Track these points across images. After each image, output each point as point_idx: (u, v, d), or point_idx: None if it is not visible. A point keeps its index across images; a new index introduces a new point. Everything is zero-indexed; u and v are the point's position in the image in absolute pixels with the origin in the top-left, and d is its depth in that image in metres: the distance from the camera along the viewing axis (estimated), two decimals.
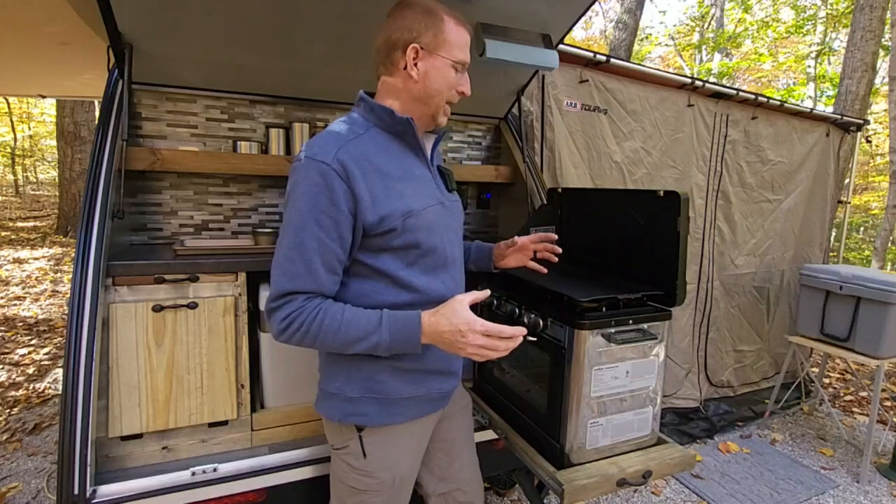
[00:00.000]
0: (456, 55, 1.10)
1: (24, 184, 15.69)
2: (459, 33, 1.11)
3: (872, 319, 2.74)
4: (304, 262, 1.00)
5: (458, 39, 1.10)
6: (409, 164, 1.13)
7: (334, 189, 0.99)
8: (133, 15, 1.46)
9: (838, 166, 3.91)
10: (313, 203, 0.99)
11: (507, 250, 1.40)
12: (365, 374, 1.12)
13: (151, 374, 1.43)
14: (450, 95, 1.14)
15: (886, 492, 2.68)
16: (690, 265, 3.14)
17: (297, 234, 1.01)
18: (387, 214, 1.03)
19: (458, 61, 1.11)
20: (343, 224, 1.01)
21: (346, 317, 1.01)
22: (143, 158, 1.70)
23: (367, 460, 1.15)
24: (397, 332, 1.02)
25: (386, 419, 1.14)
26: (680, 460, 1.32)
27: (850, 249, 10.10)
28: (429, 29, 1.07)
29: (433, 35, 1.08)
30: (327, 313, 1.01)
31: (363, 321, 1.02)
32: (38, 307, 5.18)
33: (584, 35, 16.88)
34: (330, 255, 1.02)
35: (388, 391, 1.13)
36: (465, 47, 1.13)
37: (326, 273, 1.02)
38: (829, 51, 11.65)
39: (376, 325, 1.01)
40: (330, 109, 2.16)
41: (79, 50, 2.51)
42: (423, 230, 1.09)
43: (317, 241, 1.00)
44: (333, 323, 1.00)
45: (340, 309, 1.02)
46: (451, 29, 1.09)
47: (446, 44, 1.09)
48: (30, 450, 2.71)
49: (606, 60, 2.56)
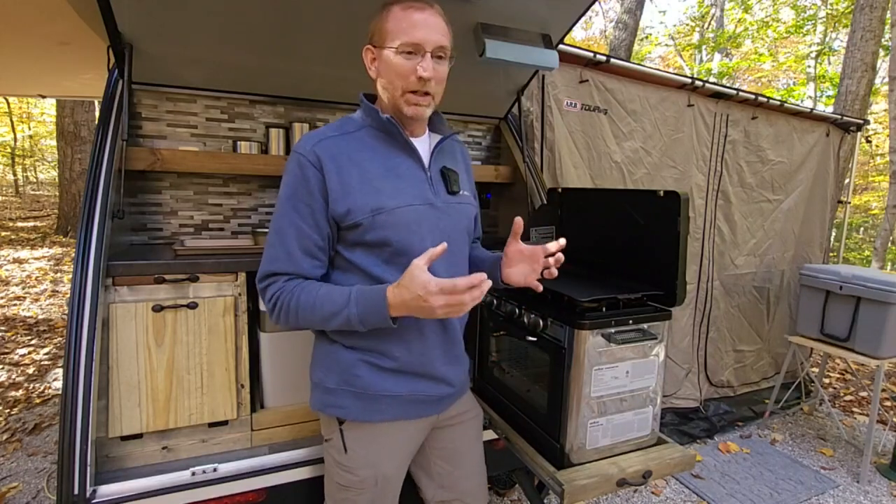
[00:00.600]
0: (398, 40, 1.04)
1: (24, 184, 15.69)
2: (403, 16, 1.05)
3: (872, 319, 2.74)
4: (283, 247, 1.08)
5: (398, 24, 1.05)
6: (397, 162, 1.13)
7: (309, 178, 1.06)
8: (133, 15, 1.46)
9: (838, 166, 3.91)
10: (292, 191, 1.07)
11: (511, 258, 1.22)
12: (342, 366, 1.14)
13: (151, 374, 1.43)
14: (407, 83, 1.07)
15: (886, 492, 2.68)
16: (690, 265, 3.14)
17: (277, 221, 1.09)
18: (353, 208, 1.06)
19: (402, 44, 1.04)
20: (318, 212, 1.07)
21: (321, 293, 1.06)
22: (143, 158, 1.70)
23: (348, 455, 1.16)
24: (365, 305, 1.04)
25: (365, 415, 1.15)
26: (680, 460, 1.32)
27: (850, 249, 10.10)
28: (377, 25, 1.09)
29: (378, 30, 1.09)
30: (303, 290, 1.07)
31: (336, 296, 1.06)
32: (38, 307, 5.18)
33: (584, 35, 16.89)
34: (307, 241, 1.08)
35: (365, 385, 1.14)
36: (412, 28, 1.04)
37: (304, 256, 1.09)
38: (829, 51, 11.65)
39: (346, 299, 1.05)
40: (330, 109, 2.16)
41: (79, 50, 2.51)
42: (395, 228, 1.09)
43: (294, 227, 1.07)
44: (309, 298, 1.06)
45: (317, 286, 1.08)
46: (392, 16, 1.05)
47: (388, 32, 1.06)
48: (30, 450, 2.71)
49: (606, 60, 2.56)
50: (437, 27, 1.07)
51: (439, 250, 0.99)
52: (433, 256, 0.99)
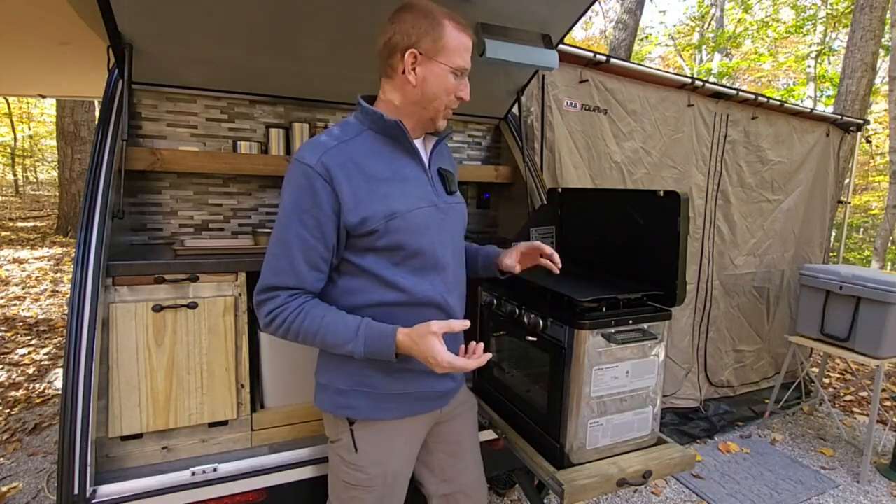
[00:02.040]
0: (455, 62, 1.08)
1: (24, 184, 15.69)
2: (460, 39, 1.08)
3: (872, 319, 2.74)
4: (288, 259, 1.05)
5: (457, 45, 1.08)
6: (401, 165, 1.13)
7: (317, 190, 1.03)
8: (133, 15, 1.46)
9: (838, 166, 3.91)
10: (297, 203, 1.04)
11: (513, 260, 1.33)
12: (354, 367, 1.14)
13: (151, 374, 1.43)
14: (448, 101, 1.12)
15: (886, 492, 2.68)
16: (690, 265, 3.14)
17: (281, 232, 1.06)
18: (368, 216, 1.05)
19: (458, 68, 1.09)
20: (326, 224, 1.05)
21: (326, 321, 1.05)
22: (143, 158, 1.69)
23: (359, 455, 1.16)
24: (372, 345, 1.06)
25: (376, 414, 1.15)
26: (680, 460, 1.32)
27: (850, 249, 10.11)
28: (428, 34, 1.06)
29: (432, 40, 1.06)
30: (308, 314, 1.05)
31: (341, 329, 1.06)
32: (38, 307, 5.18)
33: (584, 35, 16.89)
34: (313, 253, 1.06)
35: (376, 385, 1.15)
36: (466, 53, 1.10)
37: (309, 270, 1.07)
38: (829, 51, 11.65)
39: (353, 334, 1.05)
40: (330, 109, 2.16)
41: (79, 50, 2.51)
42: (408, 232, 1.09)
43: (300, 238, 1.04)
44: (313, 325, 1.05)
45: (322, 312, 1.06)
46: (450, 34, 1.07)
47: (445, 50, 1.07)
48: (30, 450, 2.71)
49: (606, 60, 2.56)
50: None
51: (458, 326, 1.06)
52: (451, 329, 1.05)
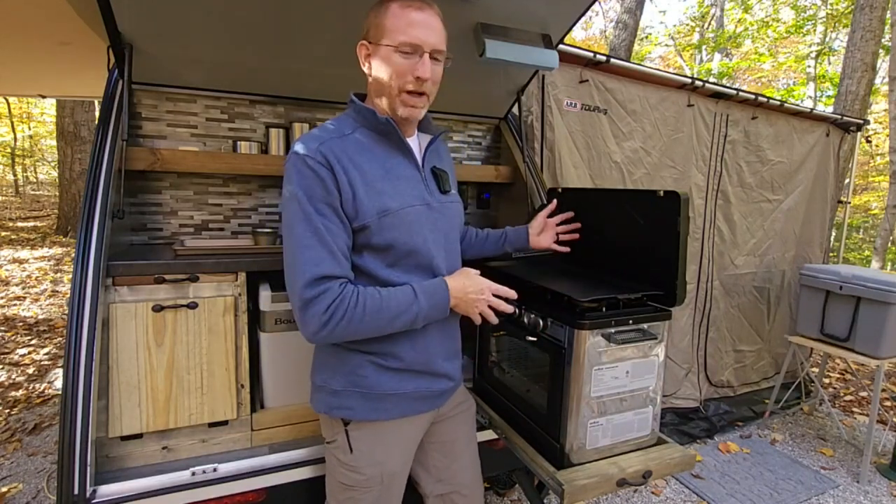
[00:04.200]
0: (396, 38, 1.03)
1: (24, 184, 15.69)
2: (402, 14, 1.03)
3: (872, 319, 2.74)
4: (325, 246, 1.02)
5: (397, 22, 1.03)
6: (394, 163, 1.13)
7: (324, 178, 1.02)
8: (133, 15, 1.46)
9: (838, 166, 3.91)
10: (309, 194, 1.02)
11: (539, 228, 1.57)
12: (348, 367, 1.14)
13: (151, 374, 1.42)
14: (401, 83, 1.06)
15: (886, 492, 2.68)
16: (690, 265, 3.14)
17: (307, 223, 1.01)
18: (363, 210, 1.05)
19: (402, 44, 1.03)
20: (339, 210, 1.04)
21: (384, 294, 1.05)
22: (143, 158, 1.69)
23: (354, 455, 1.16)
24: (431, 298, 1.07)
25: (372, 414, 1.15)
26: (680, 460, 1.32)
27: (850, 249, 10.11)
28: (373, 22, 1.07)
29: (375, 26, 1.07)
30: (366, 296, 1.03)
31: (399, 295, 1.06)
32: (38, 307, 5.18)
33: (584, 35, 16.89)
34: (340, 239, 1.04)
35: (371, 385, 1.14)
36: (412, 28, 1.03)
37: (344, 257, 1.05)
38: (829, 51, 11.65)
39: (412, 296, 1.06)
40: (330, 109, 2.16)
41: (79, 50, 2.51)
42: (400, 230, 1.09)
43: (325, 227, 1.02)
44: (374, 303, 1.03)
45: (374, 290, 1.05)
46: (391, 13, 1.03)
47: (385, 29, 1.04)
48: (30, 450, 2.71)
49: (606, 60, 2.56)
50: (436, 29, 1.07)
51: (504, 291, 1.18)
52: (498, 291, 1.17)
